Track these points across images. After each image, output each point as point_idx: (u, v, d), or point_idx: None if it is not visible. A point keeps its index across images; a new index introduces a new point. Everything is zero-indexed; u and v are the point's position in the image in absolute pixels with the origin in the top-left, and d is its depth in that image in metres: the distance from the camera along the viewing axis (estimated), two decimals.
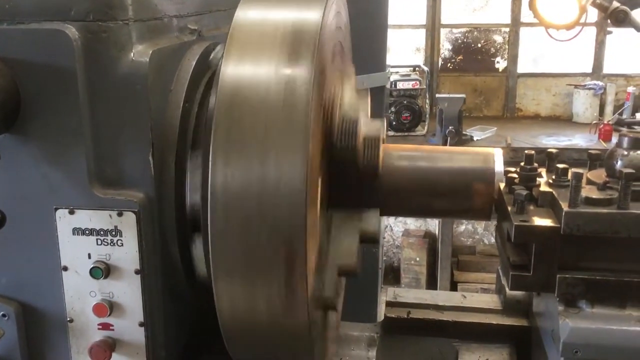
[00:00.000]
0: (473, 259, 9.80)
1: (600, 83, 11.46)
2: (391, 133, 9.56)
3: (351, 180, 1.99)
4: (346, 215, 2.11)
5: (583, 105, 11.45)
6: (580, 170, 1.54)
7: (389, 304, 2.62)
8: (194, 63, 1.84)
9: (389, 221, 9.96)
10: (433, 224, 10.03)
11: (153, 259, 1.72)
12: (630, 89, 11.29)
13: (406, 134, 9.74)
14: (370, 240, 2.14)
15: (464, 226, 10.41)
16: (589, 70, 11.81)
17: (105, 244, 1.68)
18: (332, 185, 1.94)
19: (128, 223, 1.66)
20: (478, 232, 10.35)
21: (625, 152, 1.63)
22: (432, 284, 9.55)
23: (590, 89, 11.34)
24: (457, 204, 2.00)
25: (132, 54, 1.62)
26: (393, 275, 10.11)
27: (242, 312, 1.74)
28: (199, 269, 1.84)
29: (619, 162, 1.62)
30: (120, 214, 1.65)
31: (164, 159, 1.72)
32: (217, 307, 1.71)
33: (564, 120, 11.76)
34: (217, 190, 1.58)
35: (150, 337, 1.76)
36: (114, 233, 1.67)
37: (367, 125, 2.00)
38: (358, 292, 3.25)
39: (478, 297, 2.70)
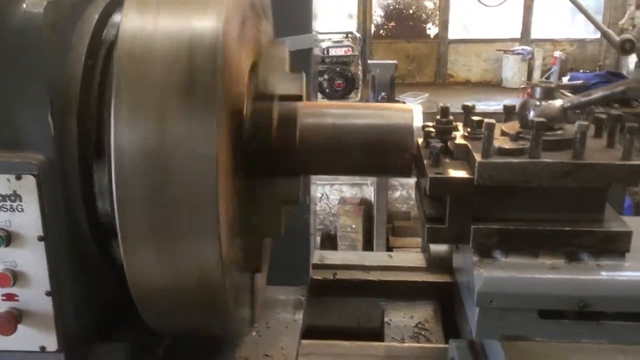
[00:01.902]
0: (408, 224, 9.96)
1: (528, 48, 11.72)
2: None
3: (268, 149, 1.95)
4: (266, 180, 2.07)
5: (512, 70, 11.70)
6: (492, 121, 1.53)
7: (316, 267, 2.61)
8: (97, 16, 1.74)
9: (325, 190, 9.98)
10: (369, 191, 10.12)
11: (57, 225, 1.63)
12: (557, 54, 11.60)
13: (339, 101, 9.73)
14: (291, 203, 2.12)
15: (399, 192, 10.54)
16: (518, 36, 12.05)
17: (4, 209, 1.58)
18: (247, 151, 1.90)
19: (28, 187, 1.56)
20: (412, 198, 10.51)
21: (538, 103, 1.63)
22: (368, 250, 9.65)
23: (518, 54, 11.58)
24: (377, 161, 1.98)
25: (24, 5, 1.51)
26: (330, 243, 10.17)
27: (154, 279, 1.69)
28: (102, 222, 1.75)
29: (532, 112, 1.62)
30: (18, 178, 1.55)
31: (65, 119, 1.62)
32: (127, 275, 1.65)
33: (493, 85, 12.00)
34: (121, 153, 1.51)
35: (59, 308, 1.67)
36: (13, 198, 1.57)
37: (284, 87, 1.95)
38: (290, 258, 3.22)
39: (403, 256, 2.73)
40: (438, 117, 1.76)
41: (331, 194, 10.25)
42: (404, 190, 10.41)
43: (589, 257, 1.57)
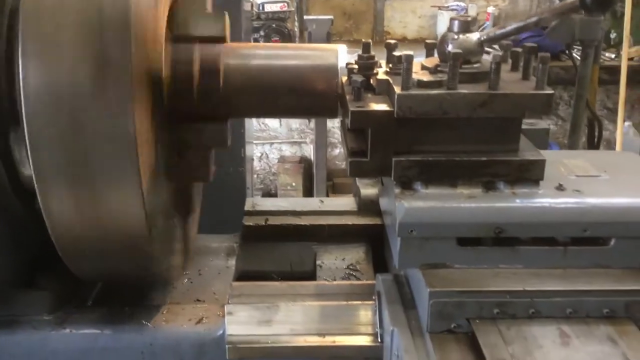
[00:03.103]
0: (347, 181, 9.99)
1: (463, 4, 11.81)
2: None
3: (189, 94, 1.92)
4: (193, 125, 2.05)
5: (446, 26, 11.78)
6: (410, 52, 1.55)
7: (248, 213, 2.60)
8: None
9: (264, 149, 9.93)
10: (308, 150, 10.11)
11: None
12: (490, 9, 11.74)
13: None
14: (220, 147, 2.11)
15: (338, 150, 10.57)
16: None
17: None
18: (169, 96, 1.87)
19: None
20: None
21: (456, 36, 1.66)
22: None
23: (453, 10, 11.67)
24: (303, 101, 1.98)
25: None
26: None
27: (74, 225, 1.66)
28: (24, 177, 1.70)
29: (450, 46, 1.64)
30: None
31: None
32: (46, 221, 1.61)
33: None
34: (31, 96, 1.46)
35: None
36: None
37: (206, 28, 1.92)
38: (225, 210, 3.20)
39: (335, 201, 2.76)
40: (360, 52, 1.76)
41: (271, 153, 10.19)
42: (342, 147, 10.46)
43: (505, 186, 1.62)
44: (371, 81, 1.73)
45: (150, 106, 1.68)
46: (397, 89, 1.56)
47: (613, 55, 7.04)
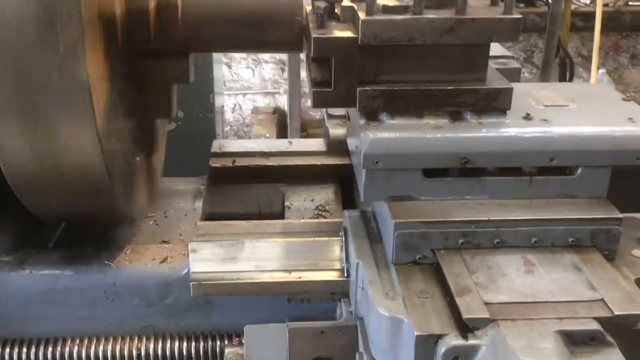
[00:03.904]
0: (321, 131, 9.99)
1: None
2: None
3: (147, 29, 1.85)
4: (154, 61, 1.99)
5: None
6: None
7: (214, 155, 2.55)
8: None
9: (237, 100, 9.80)
10: (282, 100, 10.01)
11: None
12: None
13: None
14: (182, 82, 2.05)
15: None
16: None
17: None
18: (126, 31, 1.80)
19: None
20: None
21: None
22: None
23: None
24: (265, 35, 1.92)
25: None
26: None
27: (27, 160, 1.61)
28: None
29: None
30: None
31: None
32: None
33: None
34: None
35: None
36: None
37: None
38: (195, 155, 3.15)
39: (303, 142, 2.72)
40: None
41: (244, 104, 10.07)
42: None
43: (472, 116, 1.59)
44: (336, 10, 1.66)
45: (104, 44, 1.62)
46: (362, 15, 1.50)
47: (588, 1, 6.98)
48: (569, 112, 1.65)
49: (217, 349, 1.85)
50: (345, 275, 1.72)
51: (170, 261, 1.89)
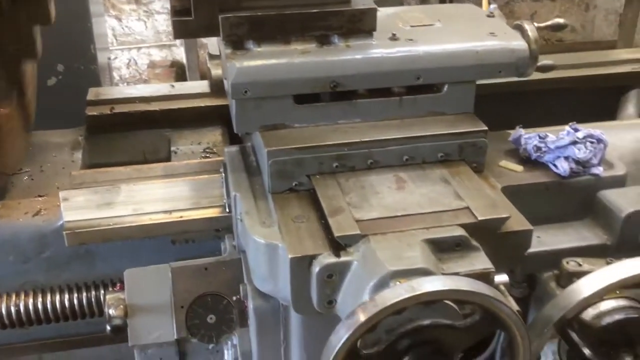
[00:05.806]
0: None
1: None
2: None
3: None
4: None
5: None
6: None
7: (91, 103, 2.44)
8: None
9: (132, 54, 9.41)
10: (179, 52, 9.68)
11: None
12: None
13: None
14: (43, 23, 1.93)
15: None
16: None
17: None
18: None
19: None
20: None
21: None
22: None
23: None
24: None
25: None
26: None
27: None
28: None
29: None
30: None
31: None
32: None
33: None
34: None
35: None
36: None
37: None
38: (77, 110, 2.98)
39: (186, 85, 2.65)
40: None
41: (139, 58, 9.67)
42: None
43: (339, 39, 1.57)
44: None
45: None
46: None
47: None
48: (434, 31, 1.67)
49: (101, 298, 1.80)
50: (227, 210, 1.70)
51: (44, 213, 1.81)
